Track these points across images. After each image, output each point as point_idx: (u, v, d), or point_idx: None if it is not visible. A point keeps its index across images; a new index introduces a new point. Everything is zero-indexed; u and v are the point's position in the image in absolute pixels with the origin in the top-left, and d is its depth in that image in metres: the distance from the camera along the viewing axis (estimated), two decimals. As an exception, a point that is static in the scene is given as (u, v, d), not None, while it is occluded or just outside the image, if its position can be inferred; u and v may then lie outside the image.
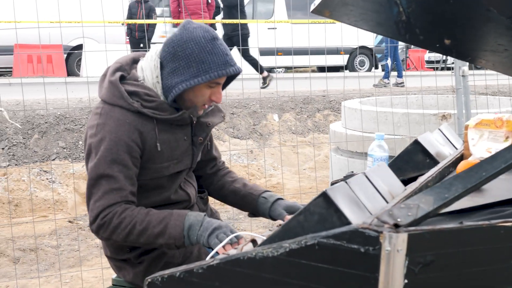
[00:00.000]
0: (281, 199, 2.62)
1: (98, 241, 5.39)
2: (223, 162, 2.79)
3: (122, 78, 2.37)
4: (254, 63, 11.10)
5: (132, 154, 2.29)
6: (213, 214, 2.71)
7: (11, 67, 13.93)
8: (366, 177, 1.77)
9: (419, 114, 5.87)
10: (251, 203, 2.63)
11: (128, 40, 13.57)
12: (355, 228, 1.45)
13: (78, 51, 14.08)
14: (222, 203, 2.79)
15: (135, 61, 2.46)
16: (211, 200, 2.77)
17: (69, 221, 6.10)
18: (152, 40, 13.39)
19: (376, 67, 18.76)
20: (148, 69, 2.37)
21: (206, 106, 2.41)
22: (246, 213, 2.74)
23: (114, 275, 2.63)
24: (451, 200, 1.52)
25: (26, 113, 8.11)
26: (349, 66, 18.04)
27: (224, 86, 2.47)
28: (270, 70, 17.11)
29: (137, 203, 2.34)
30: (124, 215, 2.25)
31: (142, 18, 12.76)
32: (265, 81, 11.23)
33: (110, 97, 2.34)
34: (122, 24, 12.12)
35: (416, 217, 1.48)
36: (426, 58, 20.72)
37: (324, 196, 1.55)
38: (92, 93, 9.16)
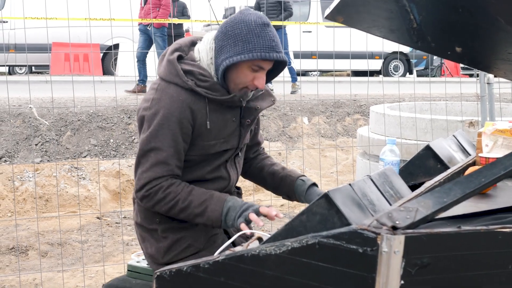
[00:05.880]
0: (316, 185, 2.70)
1: (124, 237, 5.49)
2: (263, 148, 2.89)
3: (180, 58, 2.49)
4: None
5: (182, 130, 2.41)
6: None
7: (47, 65, 14.16)
8: (372, 180, 1.81)
9: (445, 120, 5.86)
10: (289, 184, 2.70)
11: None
12: (354, 229, 1.50)
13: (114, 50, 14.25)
14: (258, 189, 2.86)
15: (193, 44, 2.57)
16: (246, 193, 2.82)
17: (97, 217, 6.21)
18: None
19: (411, 73, 18.64)
20: (204, 51, 2.48)
21: (249, 89, 2.47)
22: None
23: (130, 260, 2.71)
24: (450, 204, 1.55)
25: (60, 111, 8.26)
26: (384, 71, 17.97)
27: (270, 77, 2.54)
28: (305, 73, 17.12)
29: (181, 176, 2.46)
30: (169, 191, 2.39)
31: (176, 17, 12.83)
32: None
33: (167, 75, 2.46)
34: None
35: (414, 220, 1.52)
36: (461, 65, 20.47)
37: (326, 197, 1.60)
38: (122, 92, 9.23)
